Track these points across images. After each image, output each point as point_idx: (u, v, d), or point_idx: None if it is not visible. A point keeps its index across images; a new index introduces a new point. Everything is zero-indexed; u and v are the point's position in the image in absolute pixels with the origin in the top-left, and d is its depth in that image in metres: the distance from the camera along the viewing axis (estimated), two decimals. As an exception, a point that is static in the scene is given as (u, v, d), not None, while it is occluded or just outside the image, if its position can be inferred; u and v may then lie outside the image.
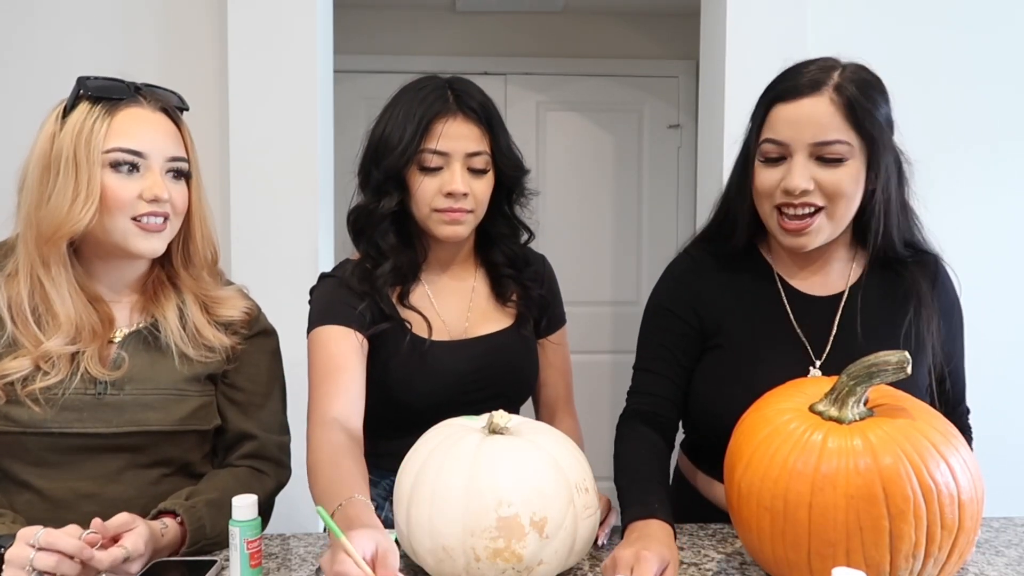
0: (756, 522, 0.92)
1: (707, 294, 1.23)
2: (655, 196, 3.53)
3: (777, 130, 1.11)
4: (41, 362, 1.08)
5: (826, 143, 1.08)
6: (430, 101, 1.21)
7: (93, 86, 1.09)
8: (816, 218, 1.11)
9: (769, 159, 1.13)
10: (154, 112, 1.12)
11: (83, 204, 1.06)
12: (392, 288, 1.26)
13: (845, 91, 1.08)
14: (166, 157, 1.11)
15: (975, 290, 2.21)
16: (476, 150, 1.22)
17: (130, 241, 1.10)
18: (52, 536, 0.90)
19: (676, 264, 1.29)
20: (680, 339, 1.23)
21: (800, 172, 1.09)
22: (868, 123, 1.09)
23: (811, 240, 1.13)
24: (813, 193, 1.10)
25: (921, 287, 1.19)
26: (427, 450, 0.99)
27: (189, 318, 1.17)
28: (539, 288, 1.36)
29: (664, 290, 1.28)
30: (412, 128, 1.20)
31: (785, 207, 1.12)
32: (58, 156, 1.06)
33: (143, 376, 1.13)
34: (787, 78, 1.13)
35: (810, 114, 1.09)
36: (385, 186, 1.23)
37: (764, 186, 1.14)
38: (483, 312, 1.34)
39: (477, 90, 1.26)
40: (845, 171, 1.09)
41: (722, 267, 1.24)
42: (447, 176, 1.21)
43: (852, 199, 1.12)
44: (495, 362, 1.30)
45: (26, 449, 1.09)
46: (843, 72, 1.11)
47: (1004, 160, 2.22)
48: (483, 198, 1.25)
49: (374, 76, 3.26)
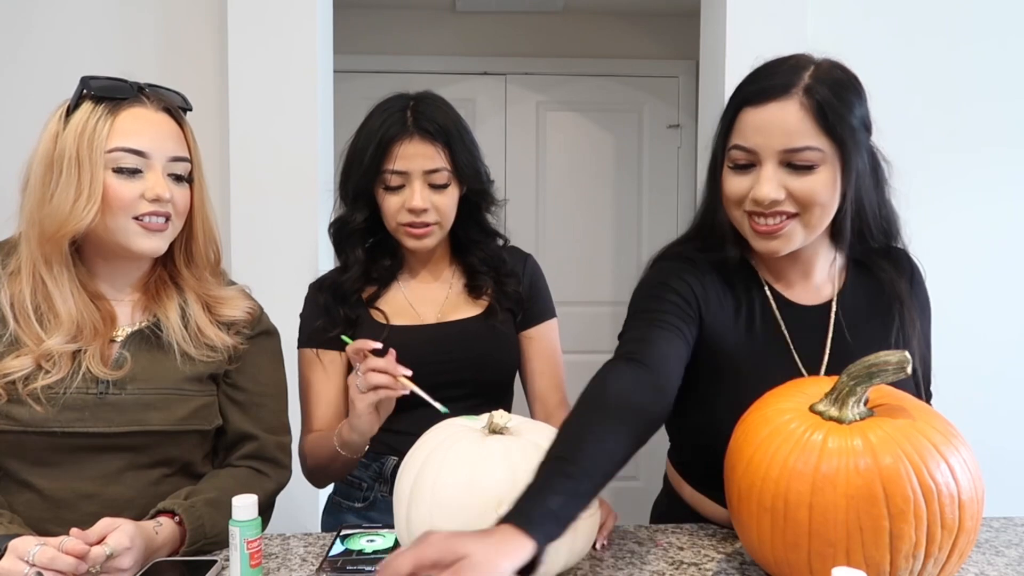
0: (756, 522, 0.92)
1: (703, 293, 1.14)
2: (655, 196, 3.53)
3: (745, 136, 1.06)
4: (43, 361, 1.08)
5: (796, 150, 1.03)
6: (389, 124, 1.29)
7: (96, 86, 1.09)
8: (789, 222, 1.06)
9: (738, 165, 1.08)
10: (157, 112, 1.13)
11: (85, 203, 1.06)
12: (363, 292, 1.36)
13: (816, 93, 1.02)
14: (168, 157, 1.12)
15: (976, 290, 2.23)
16: (434, 167, 1.29)
17: (132, 240, 1.10)
18: (48, 555, 0.90)
19: (669, 256, 1.20)
20: (677, 310, 1.10)
21: (769, 181, 1.04)
22: (840, 127, 1.02)
23: (784, 245, 1.08)
24: (785, 202, 1.04)
25: (902, 289, 1.16)
26: (427, 450, 0.99)
27: (191, 317, 1.17)
28: (515, 284, 1.40)
29: (660, 272, 1.17)
30: (372, 149, 1.29)
31: (756, 215, 1.07)
32: (61, 155, 1.07)
33: (145, 375, 1.13)
34: (756, 79, 1.07)
35: (778, 119, 1.03)
36: (357, 201, 1.33)
37: (733, 193, 1.09)
38: (455, 304, 1.39)
39: (440, 109, 1.32)
40: (817, 178, 1.04)
41: (714, 278, 1.16)
42: (408, 193, 1.29)
43: (827, 206, 1.06)
44: (458, 347, 1.33)
45: (27, 448, 1.09)
46: (815, 72, 1.04)
47: (1007, 161, 2.22)
48: (447, 210, 1.32)
49: (374, 76, 3.26)
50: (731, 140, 1.08)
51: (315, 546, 1.11)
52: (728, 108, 1.10)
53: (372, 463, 1.38)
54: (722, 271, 1.17)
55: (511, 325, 1.41)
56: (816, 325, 1.15)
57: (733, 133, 1.08)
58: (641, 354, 1.03)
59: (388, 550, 1.05)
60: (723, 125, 1.11)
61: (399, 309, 1.37)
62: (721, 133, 1.11)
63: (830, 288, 1.18)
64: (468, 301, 1.40)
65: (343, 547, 1.07)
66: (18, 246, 1.12)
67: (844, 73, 1.07)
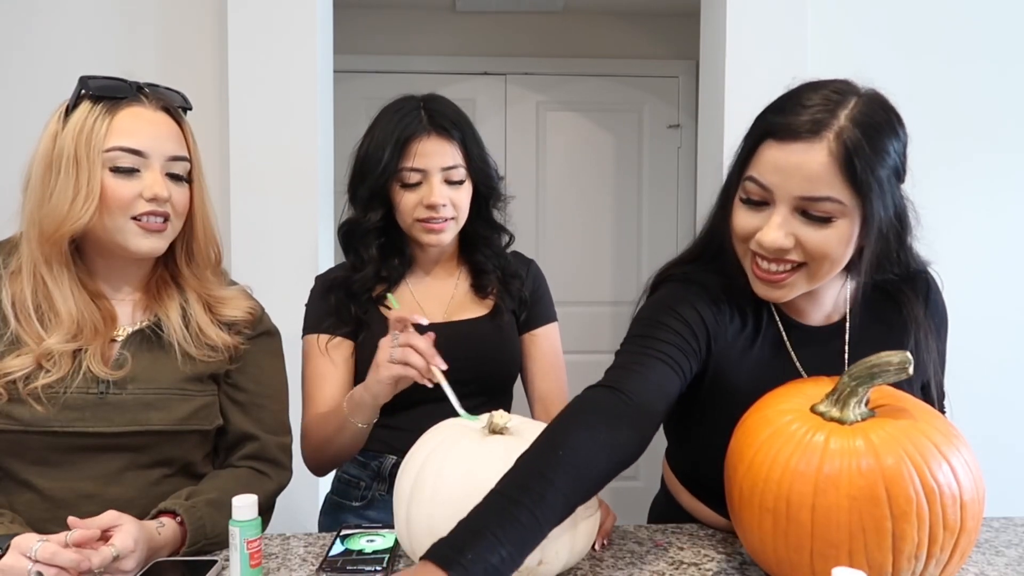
0: (758, 523, 0.92)
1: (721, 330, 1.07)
2: (655, 196, 3.53)
3: (762, 171, 0.97)
4: (43, 360, 1.08)
5: (814, 199, 0.94)
6: (406, 122, 1.30)
7: (95, 85, 1.09)
8: (793, 275, 1.00)
9: (751, 200, 0.99)
10: (155, 111, 1.12)
11: (83, 202, 1.06)
12: (372, 291, 1.36)
13: (847, 140, 0.92)
14: (166, 156, 1.11)
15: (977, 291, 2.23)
16: (451, 164, 1.31)
17: (130, 240, 1.10)
18: (50, 551, 0.90)
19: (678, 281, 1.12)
20: (679, 339, 1.04)
21: (779, 228, 0.96)
22: (867, 180, 0.93)
23: (785, 294, 1.02)
24: (792, 251, 0.97)
25: (916, 311, 1.11)
26: (427, 450, 0.99)
27: (192, 317, 1.17)
28: (519, 284, 1.42)
29: (669, 294, 1.10)
30: (390, 149, 1.30)
31: (760, 256, 1.00)
32: (60, 155, 1.07)
33: (146, 375, 1.13)
34: (787, 109, 0.97)
35: (801, 163, 0.93)
36: (371, 202, 1.34)
37: (741, 229, 1.01)
38: (461, 304, 1.41)
39: (451, 107, 1.35)
40: (833, 231, 0.95)
41: (726, 298, 1.09)
42: (426, 190, 1.30)
43: (837, 261, 0.98)
44: (464, 346, 1.34)
45: (27, 448, 1.09)
46: (851, 111, 0.94)
47: (1009, 167, 2.23)
48: (463, 205, 1.34)
49: (374, 76, 3.26)
50: (748, 170, 1.00)
51: (315, 546, 1.11)
52: (751, 133, 1.01)
53: (370, 462, 1.38)
54: (731, 294, 1.10)
55: (514, 326, 1.43)
56: (827, 345, 1.10)
57: (751, 164, 0.99)
58: (624, 384, 0.98)
59: (388, 550, 1.05)
60: (743, 151, 1.02)
61: (407, 308, 1.37)
62: (739, 159, 1.03)
63: (841, 310, 1.13)
64: (475, 301, 1.41)
65: (343, 547, 1.06)
66: (19, 246, 1.12)
67: (885, 113, 0.97)
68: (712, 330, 1.07)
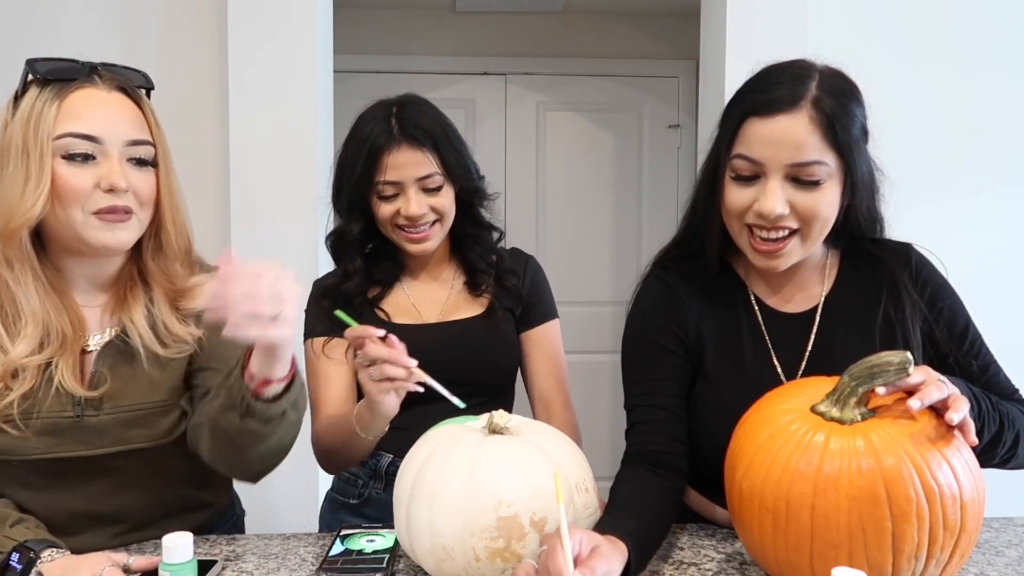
0: (758, 523, 0.92)
1: (688, 322, 1.16)
2: (655, 196, 3.53)
3: (751, 147, 1.03)
4: (8, 379, 1.01)
5: (804, 164, 1.01)
6: (376, 134, 1.27)
7: (43, 68, 1.01)
8: (789, 241, 1.06)
9: (741, 176, 1.05)
10: (110, 92, 1.04)
11: (33, 192, 0.98)
12: (367, 293, 1.36)
13: (824, 106, 1.01)
14: (125, 141, 1.03)
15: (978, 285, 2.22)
16: (425, 173, 1.28)
17: (90, 235, 1.02)
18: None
19: (648, 288, 1.22)
20: (672, 371, 1.14)
21: (775, 195, 1.02)
22: (848, 141, 1.02)
23: (784, 262, 1.08)
24: (788, 217, 1.04)
25: (895, 274, 1.14)
26: (427, 450, 0.98)
27: (157, 316, 1.10)
28: (513, 280, 1.41)
29: (644, 323, 1.19)
30: (362, 163, 1.27)
31: (757, 228, 1.06)
32: (8, 145, 0.99)
33: (120, 393, 1.07)
34: (761, 88, 1.05)
35: (787, 132, 1.01)
36: (352, 213, 1.33)
37: (735, 205, 1.07)
38: (456, 304, 1.40)
39: (424, 112, 1.31)
40: (821, 193, 1.03)
41: (696, 290, 1.17)
42: (403, 201, 1.28)
43: (827, 221, 1.06)
44: (460, 346, 1.33)
45: (12, 474, 1.05)
46: (820, 82, 1.03)
47: (1006, 163, 2.23)
48: (445, 209, 1.31)
49: (374, 76, 3.26)
50: (734, 149, 1.05)
51: (315, 546, 1.11)
52: (730, 115, 1.08)
53: (368, 460, 1.38)
54: (705, 283, 1.17)
55: (511, 324, 1.42)
56: (798, 332, 1.15)
57: (737, 142, 1.05)
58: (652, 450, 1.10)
59: (388, 550, 1.05)
60: (725, 132, 1.08)
61: (402, 309, 1.38)
62: (723, 141, 1.08)
63: (819, 289, 1.17)
64: (469, 301, 1.40)
65: (343, 547, 1.06)
66: None
67: (847, 83, 1.06)
68: (691, 334, 1.16)
